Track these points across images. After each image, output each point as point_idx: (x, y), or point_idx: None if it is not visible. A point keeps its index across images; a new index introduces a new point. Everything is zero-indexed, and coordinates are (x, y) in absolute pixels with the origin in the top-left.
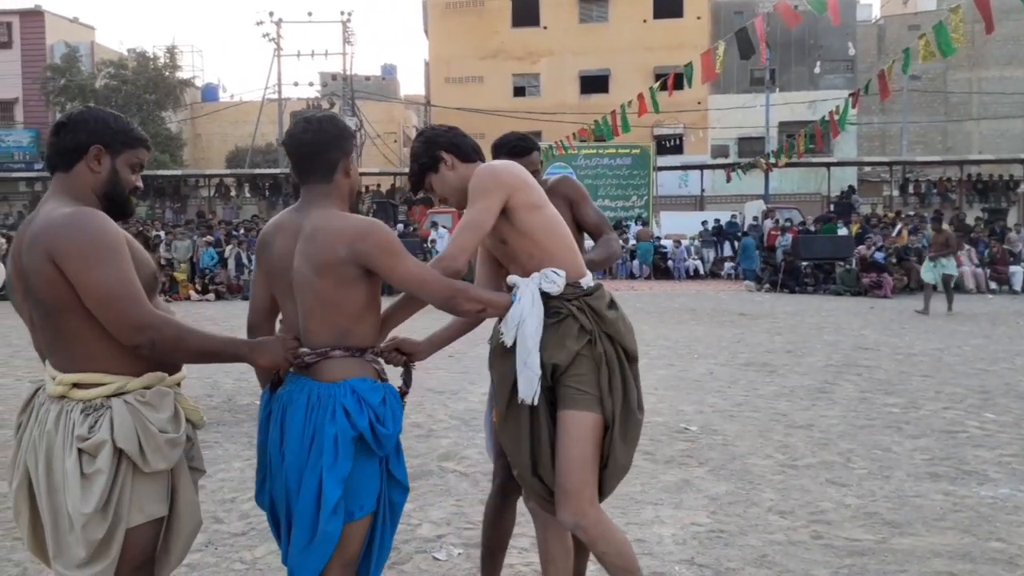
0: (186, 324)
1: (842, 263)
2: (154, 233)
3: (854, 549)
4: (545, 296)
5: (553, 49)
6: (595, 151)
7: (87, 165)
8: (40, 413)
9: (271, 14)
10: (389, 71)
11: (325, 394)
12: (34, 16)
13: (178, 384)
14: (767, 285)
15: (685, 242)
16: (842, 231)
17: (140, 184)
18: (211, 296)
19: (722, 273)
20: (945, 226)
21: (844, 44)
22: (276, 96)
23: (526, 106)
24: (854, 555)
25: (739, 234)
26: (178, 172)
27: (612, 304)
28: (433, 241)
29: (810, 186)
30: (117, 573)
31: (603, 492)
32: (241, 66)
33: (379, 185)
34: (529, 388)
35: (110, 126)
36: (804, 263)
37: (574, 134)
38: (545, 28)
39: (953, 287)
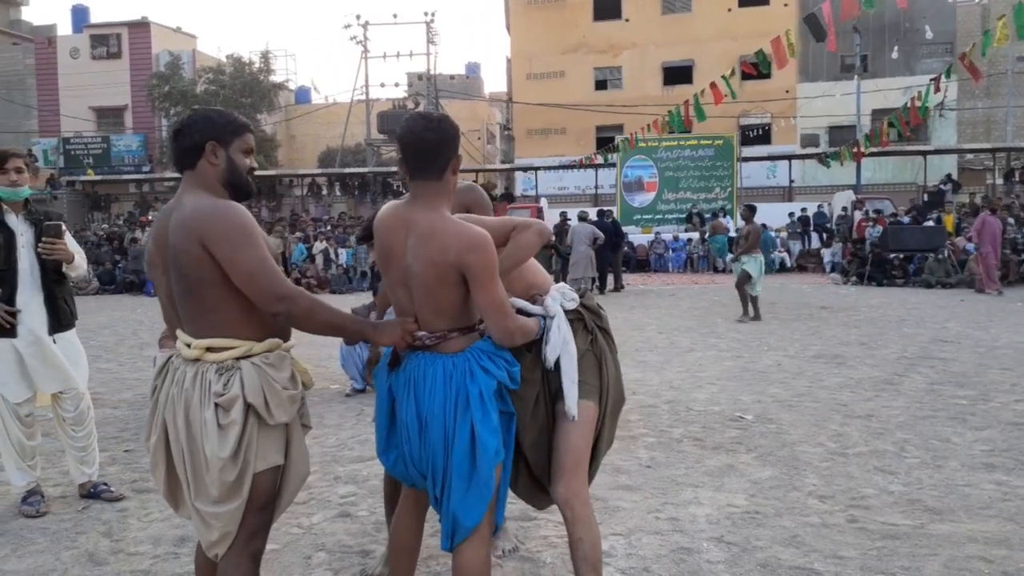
0: (316, 298)
1: (933, 254)
2: None
3: (888, 533)
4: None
5: (635, 41)
6: (676, 143)
7: (207, 160)
8: (176, 375)
9: (358, 17)
10: (473, 69)
11: (460, 360)
12: (141, 27)
13: (289, 350)
14: (854, 278)
15: (771, 234)
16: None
17: (255, 165)
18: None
19: (809, 266)
20: None
21: (943, 27)
22: (364, 97)
23: (608, 99)
24: (887, 539)
25: (827, 225)
26: (272, 172)
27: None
28: None
29: (905, 176)
30: (247, 511)
31: (595, 462)
32: (332, 69)
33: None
34: (575, 403)
35: (216, 122)
36: (893, 255)
37: (648, 126)
38: (627, 20)
39: None
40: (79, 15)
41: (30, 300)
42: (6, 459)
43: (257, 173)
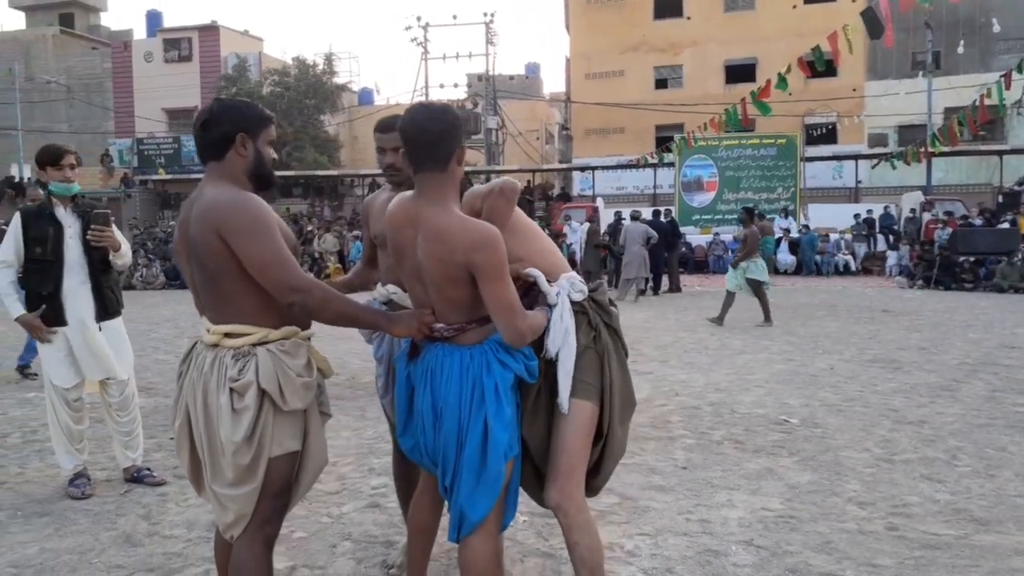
0: (333, 289)
1: (1006, 258)
2: (308, 228)
3: (928, 542)
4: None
5: (697, 39)
6: (737, 142)
7: (236, 152)
8: (198, 360)
9: (418, 18)
10: (532, 69)
11: (476, 353)
12: (210, 31)
13: (308, 339)
14: (920, 281)
15: (835, 236)
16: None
17: (275, 155)
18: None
19: (874, 269)
20: None
21: (1019, 21)
22: (423, 98)
23: (668, 98)
24: (926, 548)
25: (893, 227)
26: (334, 172)
27: (610, 300)
28: (564, 235)
29: (980, 176)
30: (262, 496)
31: (602, 472)
32: (393, 71)
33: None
34: (567, 397)
35: (245, 114)
36: (962, 258)
37: (705, 124)
38: (688, 19)
39: None
40: (153, 20)
41: (78, 289)
42: (56, 442)
43: (320, 173)
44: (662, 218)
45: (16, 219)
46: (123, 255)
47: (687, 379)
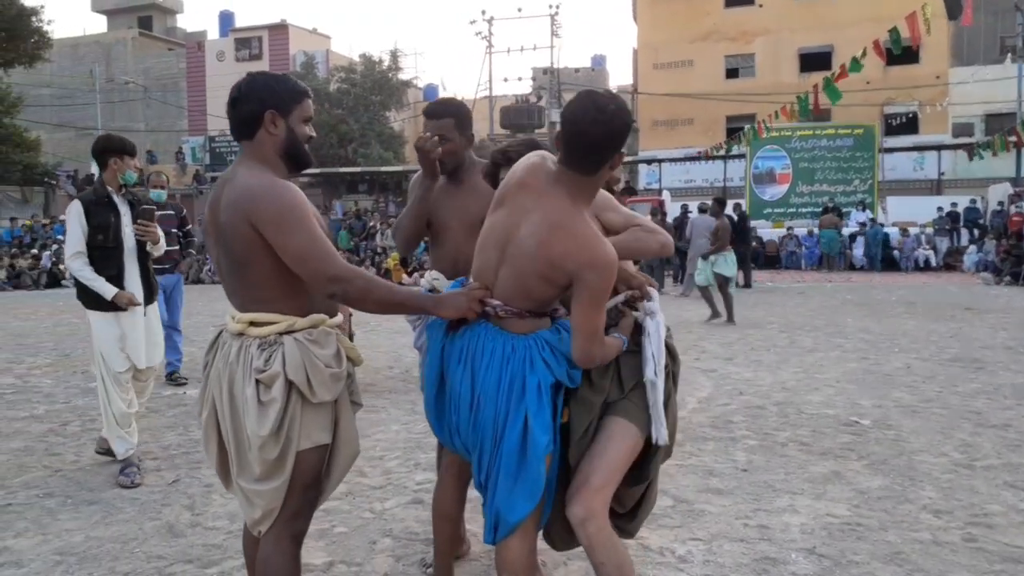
0: (374, 276)
1: None
2: (371, 223)
3: (1010, 556)
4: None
5: (769, 27)
6: (811, 132)
7: (266, 130)
8: (223, 349)
9: (483, 13)
10: (599, 62)
11: (520, 345)
12: (280, 30)
13: (339, 327)
14: (1007, 278)
15: (915, 230)
16: None
17: (313, 133)
18: (417, 277)
19: (957, 264)
20: None
21: None
22: (487, 93)
23: (739, 88)
24: (1008, 561)
25: (979, 221)
26: (399, 168)
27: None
28: None
29: None
30: (290, 490)
31: (638, 517)
32: (459, 66)
33: None
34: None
35: (275, 90)
36: None
37: (776, 112)
38: (760, 6)
39: None
40: (225, 20)
41: (131, 274)
42: (108, 430)
43: (385, 169)
44: (731, 211)
45: (78, 208)
46: (160, 248)
47: (752, 377)
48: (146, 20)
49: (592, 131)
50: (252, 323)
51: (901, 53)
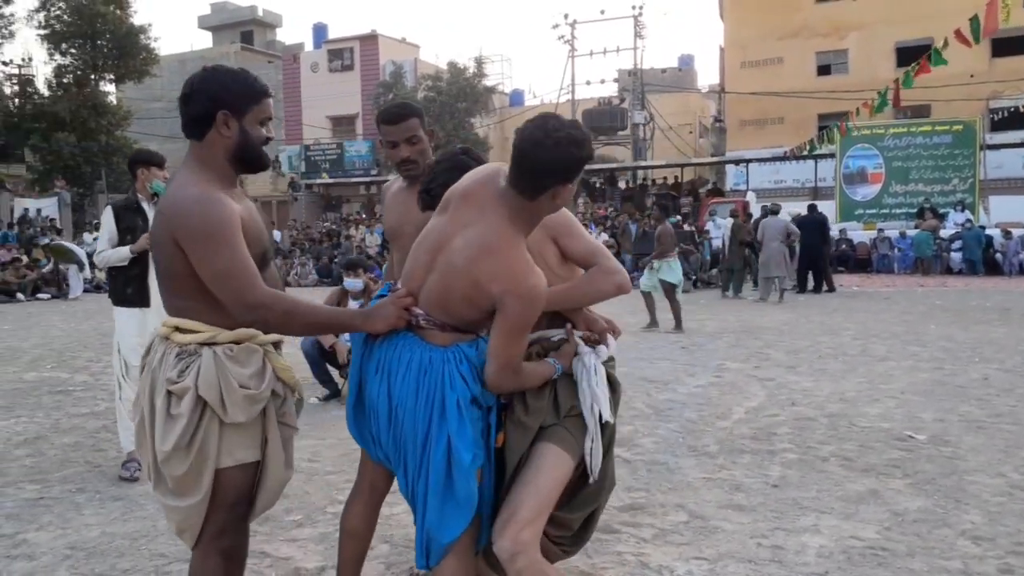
0: (297, 299)
1: None
2: None
3: None
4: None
5: (864, 21)
6: (906, 129)
7: (217, 132)
8: (151, 355)
9: (566, 16)
10: (686, 61)
11: (437, 359)
12: (370, 40)
13: (275, 345)
14: None
15: (1019, 231)
16: None
17: (271, 134)
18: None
19: None
20: None
21: None
22: (569, 97)
23: (831, 85)
24: None
25: None
26: None
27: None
28: (707, 231)
29: None
30: (212, 507)
31: (584, 537)
32: (545, 71)
33: (665, 178)
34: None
35: (230, 88)
36: None
37: (858, 108)
38: (854, 0)
39: None
40: (319, 32)
41: (154, 274)
42: (120, 425)
43: None
44: (807, 212)
45: (110, 212)
46: None
47: (811, 387)
48: (248, 35)
49: (534, 154)
50: (177, 329)
51: (978, 42)
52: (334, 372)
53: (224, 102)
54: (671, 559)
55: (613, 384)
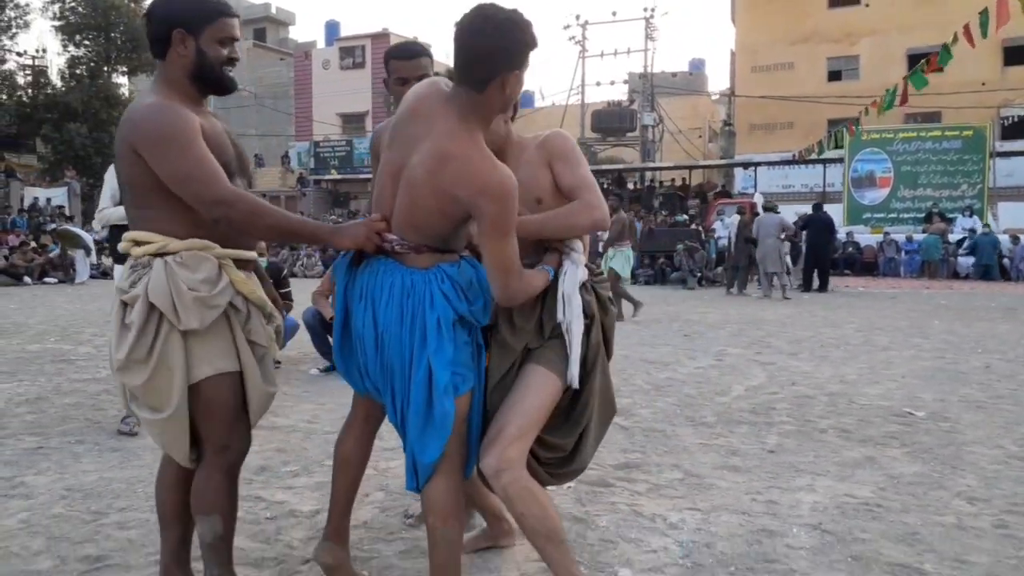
0: (265, 202)
1: None
2: None
3: None
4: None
5: (876, 28)
6: (915, 134)
7: (176, 51)
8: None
9: (577, 17)
10: (697, 65)
11: (419, 280)
12: (382, 38)
13: (245, 264)
14: None
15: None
16: None
17: (235, 55)
18: None
19: None
20: None
21: None
22: (579, 98)
23: (842, 90)
24: None
25: None
26: None
27: (609, 299)
28: (713, 230)
29: None
30: (205, 422)
31: (575, 463)
32: (554, 70)
33: (673, 180)
34: (576, 372)
35: (186, 7)
36: None
37: (866, 108)
38: (867, 6)
39: None
40: (331, 30)
41: None
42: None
43: None
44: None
45: (112, 171)
46: None
47: (812, 371)
48: (260, 32)
49: (474, 42)
50: (135, 242)
51: (985, 36)
52: None
53: (178, 20)
54: (664, 509)
55: (605, 307)
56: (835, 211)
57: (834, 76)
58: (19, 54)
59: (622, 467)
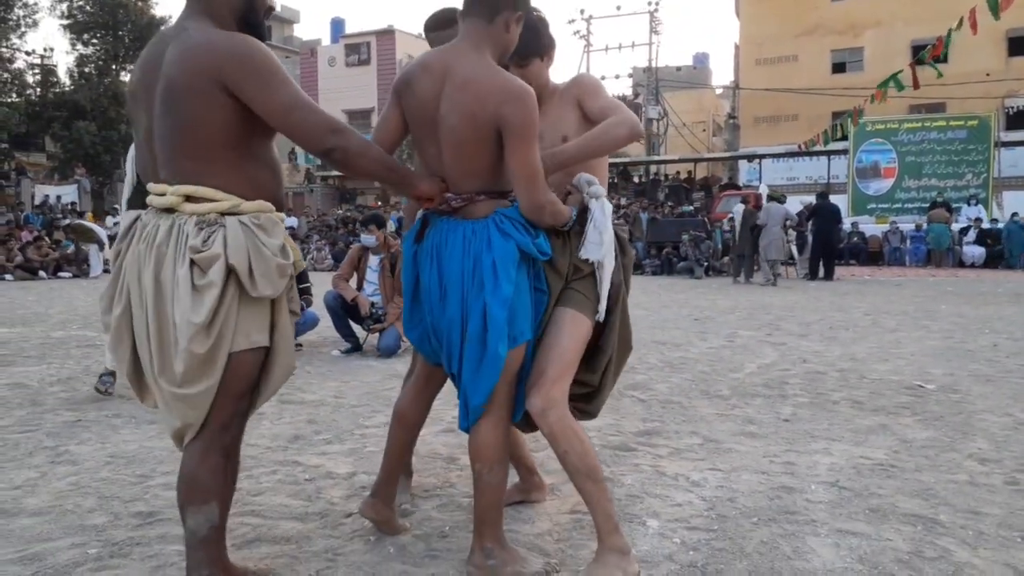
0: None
1: None
2: None
3: None
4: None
5: (881, 19)
6: (920, 124)
7: None
8: (146, 232)
9: (582, 11)
10: (701, 60)
11: (479, 227)
12: (387, 35)
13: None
14: None
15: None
16: None
17: (275, 5)
18: None
19: None
20: None
21: None
22: None
23: (846, 83)
24: None
25: None
26: None
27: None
28: (721, 223)
29: None
30: (220, 397)
31: (598, 398)
32: (560, 65)
33: (678, 173)
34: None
35: None
36: None
37: (871, 97)
38: None
39: None
40: (336, 27)
41: None
42: (107, 343)
43: None
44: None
45: (132, 154)
46: None
47: (822, 350)
48: (266, 29)
49: None
50: (189, 198)
51: (997, 18)
52: (356, 327)
53: None
54: (686, 470)
55: (624, 247)
56: (840, 202)
57: (838, 68)
58: (28, 53)
59: (643, 434)
